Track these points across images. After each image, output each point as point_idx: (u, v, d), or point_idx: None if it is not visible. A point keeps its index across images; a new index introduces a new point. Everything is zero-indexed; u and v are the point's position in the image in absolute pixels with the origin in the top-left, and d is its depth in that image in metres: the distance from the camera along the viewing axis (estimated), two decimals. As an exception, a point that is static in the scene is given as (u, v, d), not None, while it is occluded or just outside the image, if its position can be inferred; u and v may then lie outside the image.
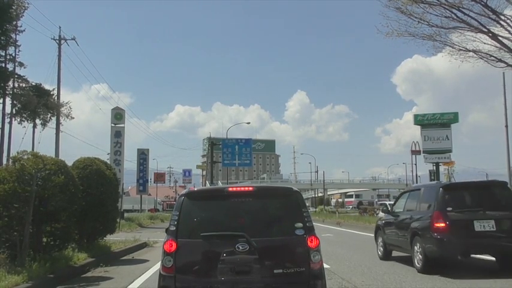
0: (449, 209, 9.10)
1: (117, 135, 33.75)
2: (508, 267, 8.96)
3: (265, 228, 5.00)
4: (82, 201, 10.37)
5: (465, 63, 15.99)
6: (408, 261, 9.92)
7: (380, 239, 11.90)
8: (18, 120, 24.29)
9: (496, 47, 15.09)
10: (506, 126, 27.97)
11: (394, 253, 11.33)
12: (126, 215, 31.76)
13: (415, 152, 54.21)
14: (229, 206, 5.07)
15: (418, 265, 9.34)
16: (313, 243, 4.85)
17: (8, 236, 8.60)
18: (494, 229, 8.74)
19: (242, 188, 5.31)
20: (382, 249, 11.74)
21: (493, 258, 9.67)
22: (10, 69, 22.94)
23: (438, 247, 8.89)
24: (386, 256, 11.53)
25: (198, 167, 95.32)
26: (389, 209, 12.59)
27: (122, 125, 34.35)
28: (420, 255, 9.25)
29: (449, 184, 10.91)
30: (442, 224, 8.86)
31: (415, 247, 9.48)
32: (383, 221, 12.13)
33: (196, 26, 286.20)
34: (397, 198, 12.75)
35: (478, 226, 8.76)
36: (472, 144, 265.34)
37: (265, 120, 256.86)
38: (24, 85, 24.36)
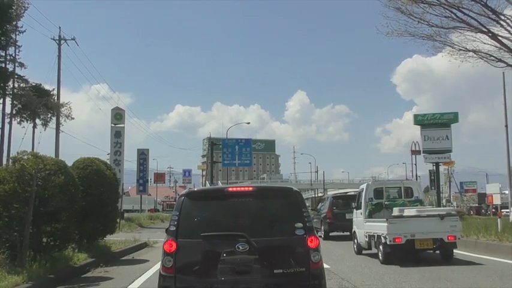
0: (334, 208, 19.17)
1: (117, 135, 33.76)
2: None
3: (265, 228, 5.00)
4: (82, 202, 10.37)
5: (465, 63, 16.02)
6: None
7: None
8: (18, 120, 24.30)
9: (496, 47, 15.10)
10: (506, 126, 27.91)
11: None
12: (126, 215, 31.76)
13: (415, 152, 54.24)
14: (230, 206, 5.07)
15: (322, 237, 18.18)
16: (313, 243, 4.85)
17: (8, 236, 8.59)
18: (356, 217, 14.12)
19: (242, 188, 5.32)
20: None
21: None
22: (10, 69, 22.94)
23: (329, 227, 18.77)
24: None
25: (199, 167, 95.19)
26: (316, 208, 22.89)
27: (122, 125, 34.37)
28: (323, 232, 19.04)
29: (335, 196, 21.24)
30: (330, 216, 18.86)
31: (322, 227, 19.27)
32: (312, 215, 19.68)
33: (196, 26, 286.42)
34: (319, 202, 23.13)
35: (348, 216, 16.10)
36: (472, 144, 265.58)
37: (265, 120, 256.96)
38: (24, 85, 24.34)
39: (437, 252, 11.16)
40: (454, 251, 11.12)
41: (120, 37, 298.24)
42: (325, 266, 6.21)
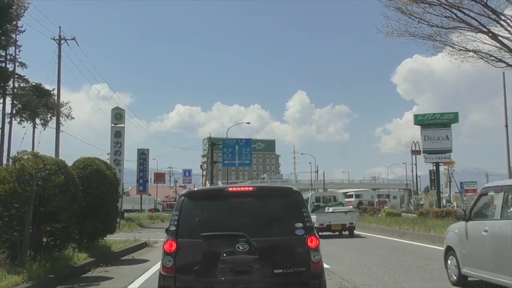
0: None
1: (117, 135, 33.70)
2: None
3: (265, 228, 4.99)
4: (82, 201, 10.37)
5: (465, 63, 16.01)
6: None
7: None
8: (18, 120, 24.27)
9: (496, 47, 15.09)
10: (506, 126, 27.92)
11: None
12: (126, 215, 31.72)
13: (415, 152, 54.22)
14: (230, 206, 5.07)
15: None
16: (313, 243, 4.84)
17: (8, 236, 8.60)
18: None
19: (242, 188, 5.31)
20: None
21: None
22: (10, 69, 22.92)
23: None
24: None
25: (201, 167, 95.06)
26: None
27: (122, 125, 34.31)
28: None
29: None
30: None
31: None
32: None
33: (196, 26, 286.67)
34: None
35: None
36: (472, 144, 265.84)
37: (265, 120, 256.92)
38: (24, 85, 24.31)
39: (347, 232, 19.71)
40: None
41: (120, 37, 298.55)
42: (325, 266, 6.21)
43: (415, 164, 57.98)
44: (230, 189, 5.26)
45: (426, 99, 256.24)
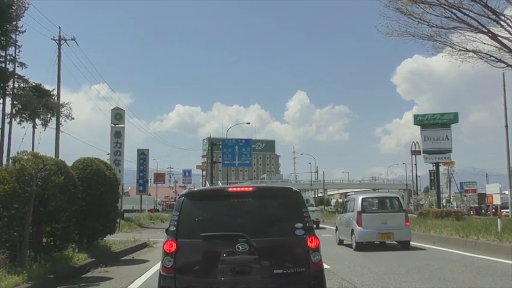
0: None
1: (117, 135, 33.66)
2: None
3: (265, 228, 4.99)
4: (82, 202, 10.36)
5: (465, 63, 16.04)
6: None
7: None
8: (18, 120, 24.28)
9: (496, 47, 15.11)
10: (506, 126, 27.94)
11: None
12: (126, 215, 31.72)
13: (415, 152, 54.17)
14: (229, 206, 5.06)
15: None
16: (313, 243, 4.84)
17: (8, 236, 8.58)
18: None
19: (242, 188, 5.30)
20: None
21: None
22: (10, 69, 22.92)
23: None
24: None
25: (198, 167, 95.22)
26: None
27: (122, 125, 34.27)
28: None
29: None
30: None
31: None
32: None
33: (196, 26, 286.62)
34: None
35: None
36: (472, 144, 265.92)
37: (265, 120, 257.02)
38: (24, 85, 24.32)
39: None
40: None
41: (120, 37, 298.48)
42: (325, 266, 6.21)
43: (415, 164, 57.94)
44: (230, 189, 5.25)
45: (426, 99, 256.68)
